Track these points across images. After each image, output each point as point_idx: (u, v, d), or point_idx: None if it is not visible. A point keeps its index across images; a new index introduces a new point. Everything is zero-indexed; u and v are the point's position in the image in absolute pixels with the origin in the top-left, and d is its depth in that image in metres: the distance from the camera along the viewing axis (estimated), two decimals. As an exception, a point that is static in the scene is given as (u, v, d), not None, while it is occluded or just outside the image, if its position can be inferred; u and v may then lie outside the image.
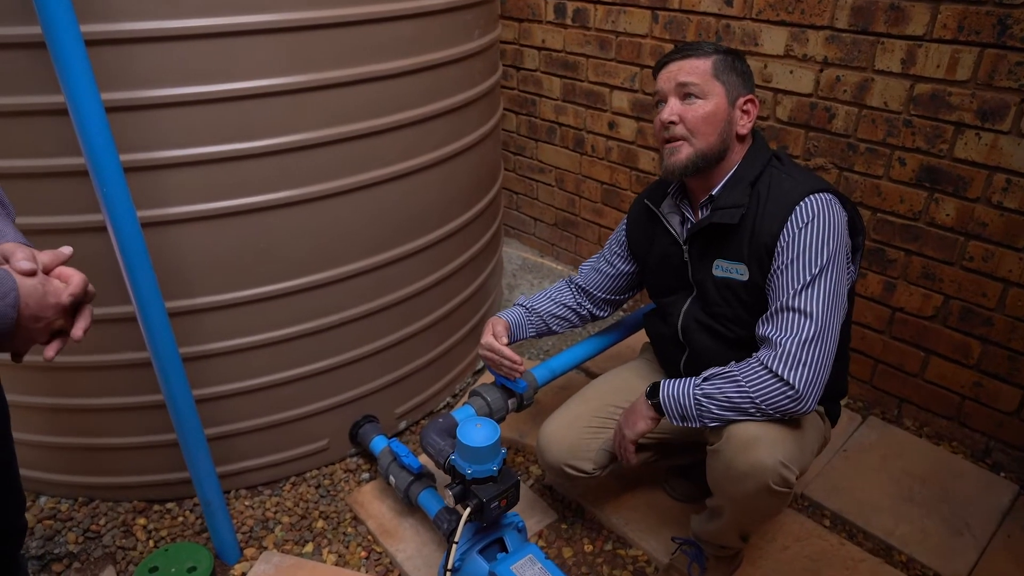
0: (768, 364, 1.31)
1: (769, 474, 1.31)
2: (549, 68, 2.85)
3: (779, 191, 1.38)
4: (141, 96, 1.37)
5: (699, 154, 1.40)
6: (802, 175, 1.42)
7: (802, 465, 1.39)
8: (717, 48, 1.43)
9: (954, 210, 1.89)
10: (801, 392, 1.29)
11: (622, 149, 2.71)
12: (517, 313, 1.75)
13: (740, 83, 1.42)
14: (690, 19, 2.29)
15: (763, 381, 1.31)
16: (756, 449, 1.33)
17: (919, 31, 1.80)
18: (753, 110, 1.44)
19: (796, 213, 1.34)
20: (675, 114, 1.40)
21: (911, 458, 2.03)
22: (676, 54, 1.44)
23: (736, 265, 1.41)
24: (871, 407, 2.24)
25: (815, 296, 1.31)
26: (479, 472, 1.38)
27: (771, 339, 1.33)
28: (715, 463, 1.42)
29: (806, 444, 1.42)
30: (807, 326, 1.30)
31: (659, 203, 1.59)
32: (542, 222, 3.24)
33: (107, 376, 1.67)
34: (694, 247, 1.50)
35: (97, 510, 1.84)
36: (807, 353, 1.29)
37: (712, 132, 1.40)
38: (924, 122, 1.87)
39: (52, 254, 0.95)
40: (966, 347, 1.98)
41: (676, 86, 1.40)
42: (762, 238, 1.37)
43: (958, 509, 1.86)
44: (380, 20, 1.57)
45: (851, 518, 1.85)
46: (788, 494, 1.36)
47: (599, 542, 1.80)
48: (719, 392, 1.34)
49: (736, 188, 1.42)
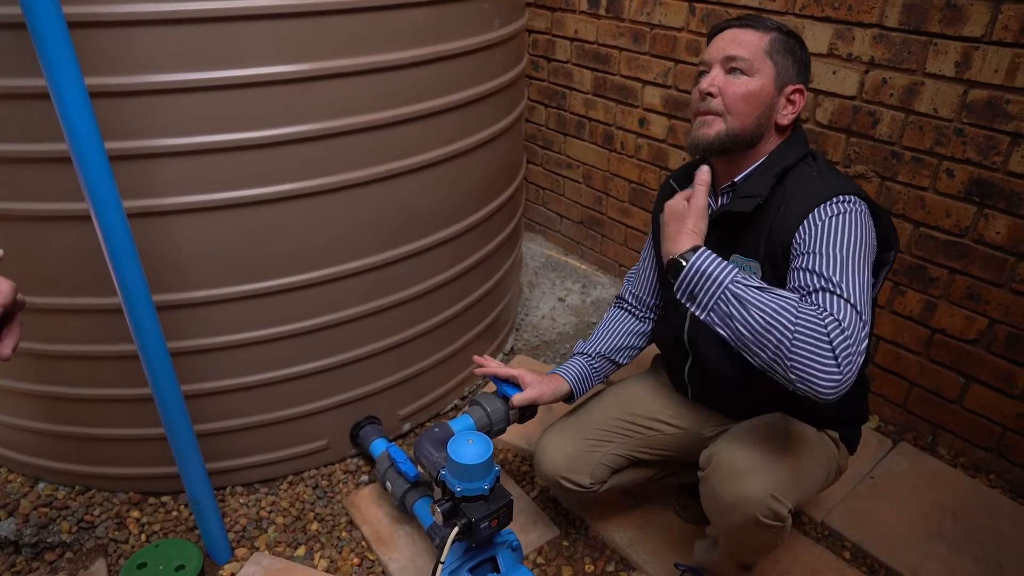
0: (838, 316, 1.06)
1: (757, 507, 1.22)
2: (581, 60, 2.74)
3: (805, 189, 1.24)
4: (134, 82, 1.31)
5: (730, 133, 1.27)
6: (835, 177, 1.28)
7: (799, 497, 1.29)
8: (779, 27, 1.29)
9: (1005, 228, 1.74)
10: (843, 379, 1.03)
11: (652, 147, 2.59)
12: (578, 366, 1.59)
13: (794, 69, 1.29)
14: (729, 12, 2.16)
15: (816, 333, 1.03)
16: (744, 479, 1.24)
17: (977, 32, 1.65)
18: (800, 101, 1.30)
19: (818, 210, 1.20)
20: (715, 86, 1.27)
21: (944, 490, 1.89)
22: (734, 21, 1.31)
23: (750, 262, 1.30)
24: (903, 432, 2.10)
25: (857, 284, 1.12)
26: (469, 490, 1.31)
27: (834, 309, 1.08)
28: (704, 491, 1.35)
29: (804, 474, 1.31)
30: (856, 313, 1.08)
31: (681, 182, 1.47)
32: (568, 219, 3.14)
33: (102, 366, 1.64)
34: (711, 237, 1.33)
35: (93, 500, 1.82)
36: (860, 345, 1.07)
37: (749, 113, 1.26)
38: (977, 131, 1.72)
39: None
40: (1011, 375, 1.83)
41: (724, 58, 1.27)
42: (779, 236, 1.24)
43: (992, 549, 1.73)
44: (392, 7, 1.49)
45: (874, 552, 1.72)
46: (781, 528, 1.26)
47: (600, 562, 1.71)
48: (757, 301, 1.07)
49: (761, 178, 1.29)
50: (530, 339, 2.57)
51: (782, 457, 1.28)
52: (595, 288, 2.92)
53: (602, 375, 1.63)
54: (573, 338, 2.58)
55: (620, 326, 1.66)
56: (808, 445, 1.36)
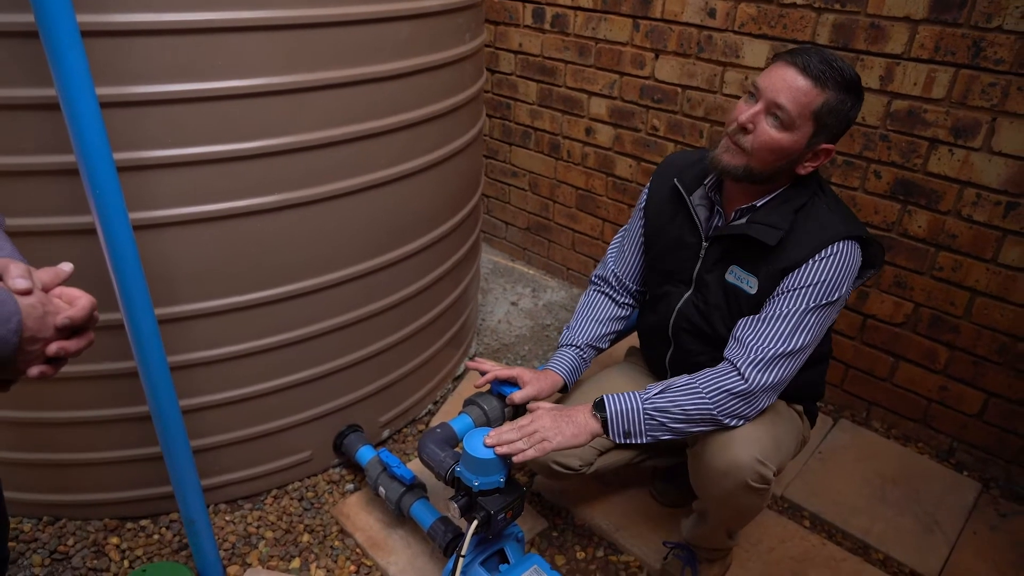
0: (737, 364, 1.35)
1: (746, 472, 1.36)
2: (525, 72, 2.84)
3: (816, 223, 1.36)
4: (128, 92, 1.29)
5: (747, 170, 1.34)
6: (840, 212, 1.39)
7: (779, 461, 1.43)
8: (848, 85, 1.26)
9: (926, 222, 1.97)
10: (752, 389, 1.34)
11: (599, 155, 2.73)
12: (568, 358, 1.67)
13: (833, 131, 1.30)
14: (672, 29, 2.32)
15: (726, 378, 1.35)
16: (732, 447, 1.37)
17: (898, 50, 1.87)
18: (825, 157, 1.34)
19: (824, 250, 1.34)
20: (753, 122, 1.30)
21: (882, 459, 2.11)
22: (800, 60, 1.26)
23: (749, 276, 1.42)
24: (842, 410, 2.32)
25: (810, 324, 1.35)
26: (486, 484, 1.36)
27: (747, 343, 1.36)
28: (695, 464, 1.47)
29: (782, 441, 1.46)
30: (787, 345, 1.34)
31: (689, 188, 1.52)
32: (514, 226, 3.23)
33: (76, 388, 1.57)
34: (714, 246, 1.47)
35: (64, 529, 1.73)
36: (777, 364, 1.35)
37: (772, 162, 1.32)
38: (900, 137, 1.94)
39: (51, 272, 0.88)
40: (933, 353, 2.07)
41: (771, 101, 1.27)
42: (784, 262, 1.36)
43: (928, 508, 1.94)
44: (379, 20, 1.52)
45: (830, 519, 1.91)
46: (767, 490, 1.41)
47: (590, 549, 1.80)
48: (673, 404, 1.36)
49: (780, 209, 1.38)
50: (491, 343, 2.64)
51: (762, 427, 1.41)
52: (545, 292, 3.02)
53: (588, 362, 1.72)
54: (530, 340, 2.66)
55: (601, 312, 1.72)
56: (782, 416, 1.51)
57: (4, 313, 0.76)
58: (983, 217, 1.87)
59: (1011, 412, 1.97)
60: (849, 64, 1.28)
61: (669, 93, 2.41)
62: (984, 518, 1.92)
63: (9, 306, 0.77)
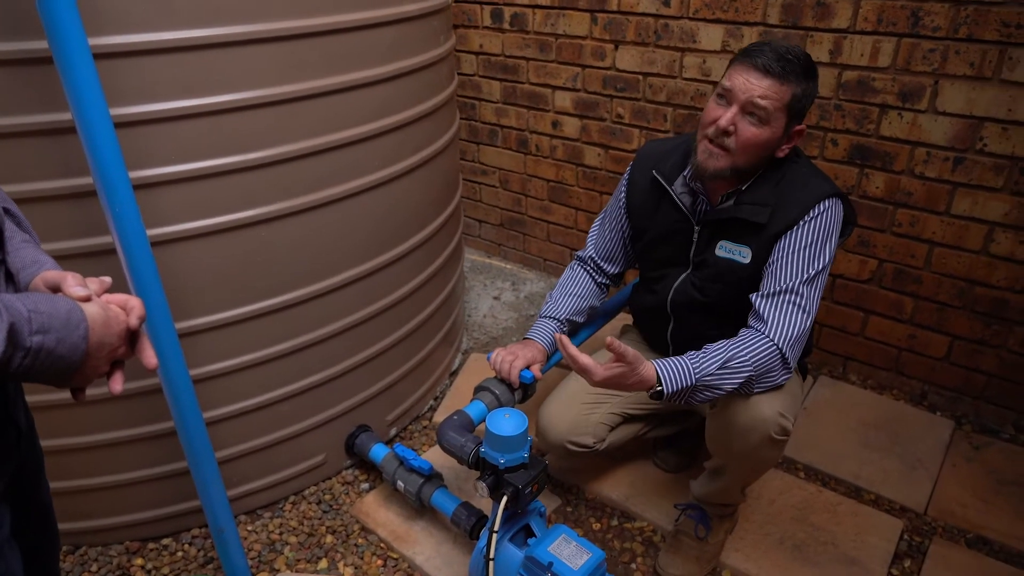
0: (779, 344, 1.42)
1: (770, 425, 1.45)
2: (488, 72, 2.91)
3: (800, 187, 1.47)
4: (133, 112, 1.32)
5: (734, 168, 1.45)
6: (816, 175, 1.50)
7: (795, 413, 1.53)
8: (805, 71, 1.39)
9: (883, 182, 2.11)
10: (792, 366, 1.45)
11: (567, 147, 2.82)
12: (550, 329, 1.75)
13: (803, 113, 1.43)
14: (629, 20, 2.42)
15: (771, 358, 1.42)
16: (757, 404, 1.46)
17: (843, 24, 2.01)
18: (798, 137, 1.47)
19: (810, 211, 1.45)
20: (733, 124, 1.40)
21: (862, 409, 2.24)
22: (759, 62, 1.36)
23: (740, 247, 1.52)
24: (820, 367, 2.45)
25: (814, 292, 1.45)
26: (512, 460, 1.42)
27: (774, 322, 1.43)
28: (717, 423, 1.54)
29: (794, 394, 1.56)
30: (805, 320, 1.44)
31: (669, 177, 1.60)
32: (487, 223, 3.29)
33: (91, 412, 1.58)
34: (706, 228, 1.57)
35: (86, 556, 1.72)
36: (801, 342, 1.46)
37: (756, 154, 1.44)
38: (852, 105, 2.08)
39: (98, 282, 0.92)
40: (900, 304, 2.22)
41: (747, 102, 1.38)
42: (776, 228, 1.46)
43: (909, 448, 2.08)
44: (366, 27, 1.58)
45: (822, 468, 2.03)
46: (785, 442, 1.50)
47: (604, 520, 1.88)
48: (721, 374, 1.40)
49: (763, 187, 1.49)
50: (480, 337, 2.70)
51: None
52: (525, 284, 3.09)
53: (568, 336, 1.78)
54: (517, 331, 2.73)
55: (582, 288, 1.82)
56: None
57: (74, 320, 0.79)
58: (934, 173, 2.02)
59: (974, 351, 2.13)
60: (798, 48, 1.42)
61: (631, 81, 2.52)
62: (960, 452, 2.07)
63: (77, 313, 0.80)
